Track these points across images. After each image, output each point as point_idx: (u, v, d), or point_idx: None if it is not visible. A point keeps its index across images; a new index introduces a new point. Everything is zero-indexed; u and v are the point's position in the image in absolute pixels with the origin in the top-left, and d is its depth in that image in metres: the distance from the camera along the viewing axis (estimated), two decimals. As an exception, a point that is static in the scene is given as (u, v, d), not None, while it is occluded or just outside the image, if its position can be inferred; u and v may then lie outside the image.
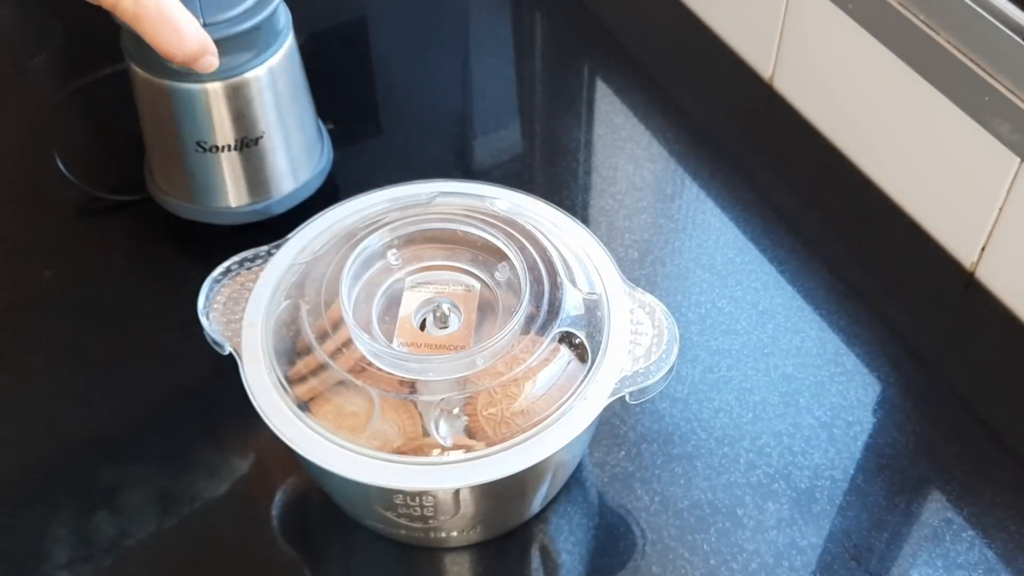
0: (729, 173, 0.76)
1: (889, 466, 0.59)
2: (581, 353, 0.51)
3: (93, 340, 0.66)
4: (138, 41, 0.60)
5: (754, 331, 0.66)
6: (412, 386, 0.49)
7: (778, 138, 0.80)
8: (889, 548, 0.56)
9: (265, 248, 0.55)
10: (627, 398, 0.50)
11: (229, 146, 0.65)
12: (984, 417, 0.62)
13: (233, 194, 0.68)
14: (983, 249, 0.67)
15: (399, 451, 0.47)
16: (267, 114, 0.65)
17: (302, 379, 0.49)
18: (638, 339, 0.51)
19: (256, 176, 0.67)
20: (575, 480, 0.59)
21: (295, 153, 0.69)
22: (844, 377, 0.63)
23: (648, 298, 0.53)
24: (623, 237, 0.71)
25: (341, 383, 0.48)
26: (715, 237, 0.72)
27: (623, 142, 0.78)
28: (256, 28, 0.61)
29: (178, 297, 0.68)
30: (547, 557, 0.56)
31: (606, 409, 0.61)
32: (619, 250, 0.70)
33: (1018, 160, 0.62)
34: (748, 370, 0.64)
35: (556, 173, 0.76)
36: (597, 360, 0.50)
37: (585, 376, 0.50)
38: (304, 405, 0.48)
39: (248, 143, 0.65)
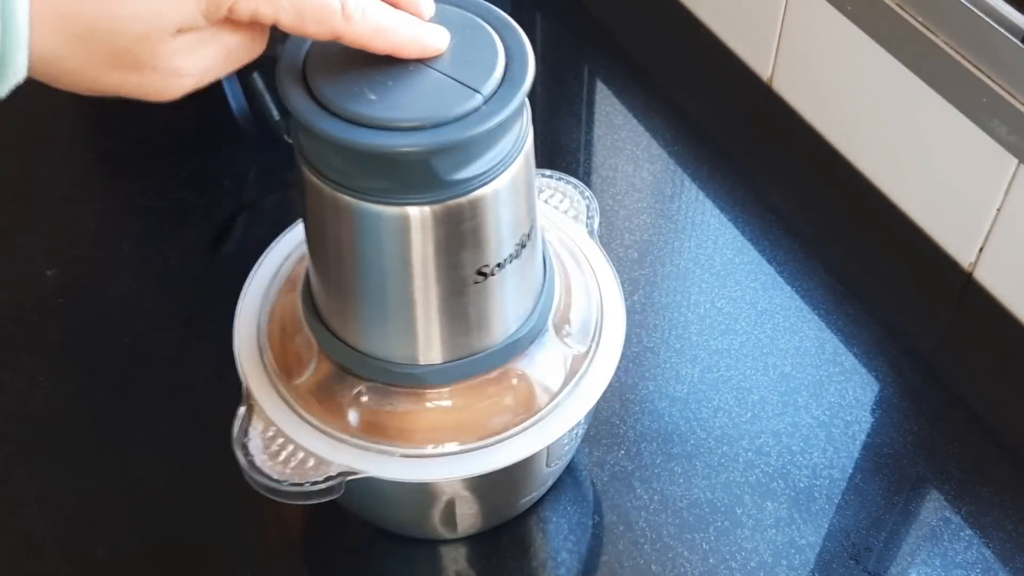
0: (728, 174, 0.76)
1: (887, 465, 0.59)
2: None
3: (95, 339, 0.66)
4: (316, 144, 0.42)
5: (753, 331, 0.66)
6: None
7: (777, 139, 0.80)
8: (887, 547, 0.56)
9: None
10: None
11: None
12: (982, 416, 0.62)
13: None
14: (981, 250, 0.68)
15: None
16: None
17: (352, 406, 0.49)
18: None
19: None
20: (574, 479, 0.59)
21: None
22: (842, 377, 0.64)
23: (556, 173, 0.58)
24: (623, 237, 0.72)
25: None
26: (714, 237, 0.72)
27: (623, 143, 0.79)
28: (491, 133, 0.40)
29: (179, 297, 0.68)
30: (547, 555, 0.57)
31: (604, 407, 0.61)
32: (619, 250, 0.71)
33: (1016, 161, 0.62)
34: (747, 370, 0.64)
35: (556, 174, 0.76)
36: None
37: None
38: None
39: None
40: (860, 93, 0.73)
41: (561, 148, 0.78)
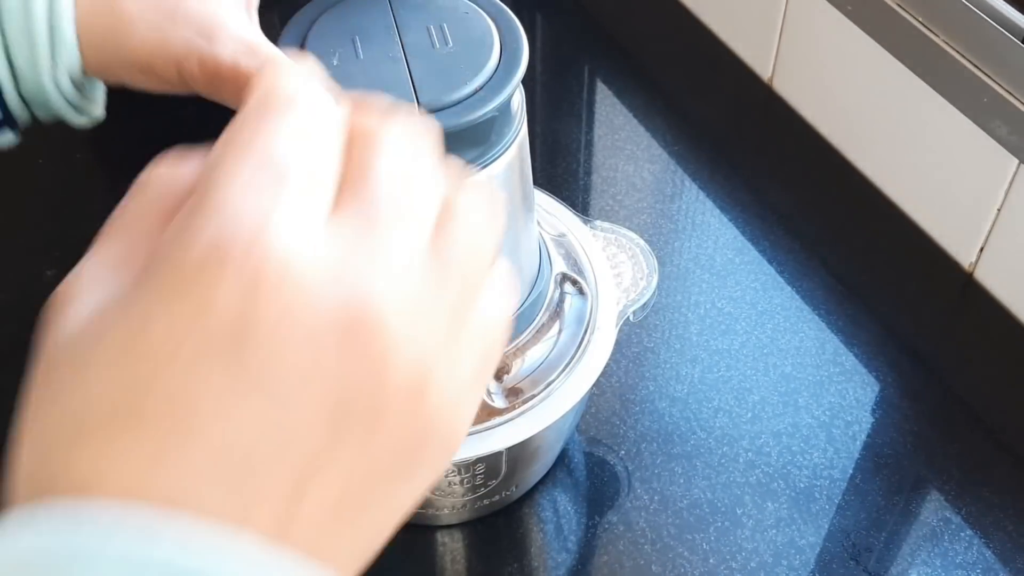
0: (728, 174, 0.76)
1: (887, 465, 0.59)
2: (580, 291, 0.53)
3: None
4: None
5: (753, 331, 0.66)
6: None
7: (777, 139, 0.80)
8: (887, 547, 0.56)
9: None
10: (631, 317, 0.52)
11: None
12: (982, 417, 0.62)
13: None
14: (981, 250, 0.68)
15: None
16: None
17: None
18: (621, 269, 0.54)
19: None
20: (574, 479, 0.59)
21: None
22: (843, 377, 0.64)
23: (607, 225, 0.55)
24: (623, 237, 0.72)
25: None
26: (714, 238, 0.72)
27: (623, 143, 0.79)
28: (489, 120, 0.41)
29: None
30: (547, 555, 0.57)
31: (604, 407, 0.61)
32: (619, 250, 0.71)
33: (1016, 161, 0.62)
34: (747, 370, 0.64)
35: (556, 173, 0.76)
36: (594, 291, 0.52)
37: (591, 308, 0.52)
38: None
39: None
40: (860, 93, 0.73)
41: (561, 148, 0.78)
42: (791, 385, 0.63)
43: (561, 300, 0.52)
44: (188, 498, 0.20)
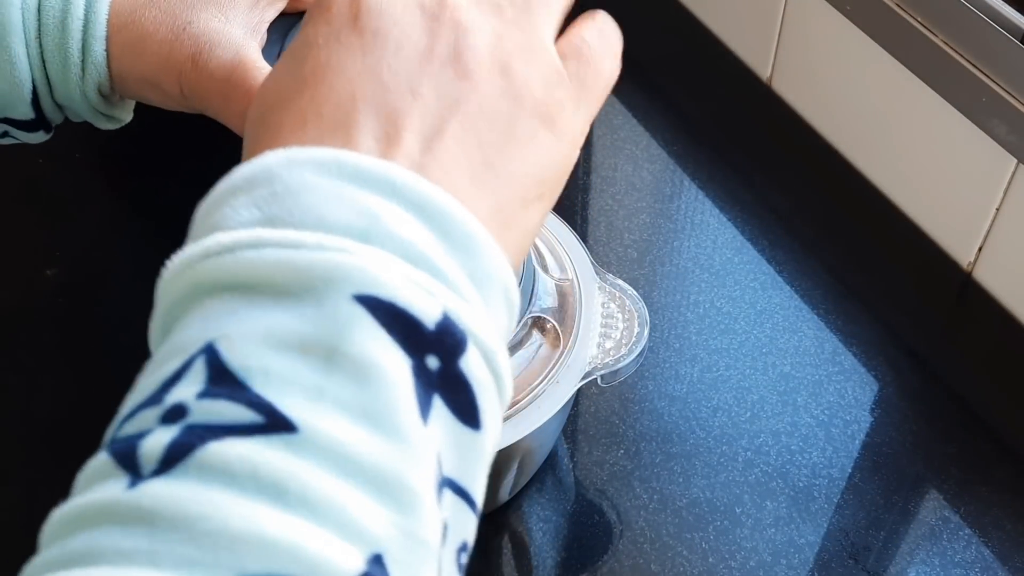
0: (728, 174, 0.76)
1: (886, 465, 0.60)
2: (552, 339, 0.51)
3: (95, 339, 0.66)
4: None
5: (752, 330, 0.66)
6: None
7: (776, 139, 0.80)
8: (886, 546, 0.56)
9: None
10: (599, 381, 0.50)
11: None
12: (981, 416, 0.62)
13: None
14: (980, 249, 0.68)
15: None
16: None
17: None
18: (609, 332, 0.52)
19: None
20: (573, 478, 0.59)
21: None
22: (842, 376, 0.64)
23: (619, 283, 0.54)
24: (622, 237, 0.72)
25: None
26: (713, 237, 0.72)
27: (622, 142, 0.79)
28: None
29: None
30: (546, 554, 0.57)
31: (603, 407, 0.61)
32: (618, 250, 0.71)
33: (1015, 161, 0.62)
34: (746, 369, 0.64)
35: (555, 173, 0.76)
36: (569, 344, 0.51)
37: (557, 360, 0.50)
38: None
39: None
40: (859, 93, 0.73)
41: (561, 148, 0.78)
42: (790, 384, 0.63)
43: (528, 344, 0.51)
44: (338, 135, 0.28)
